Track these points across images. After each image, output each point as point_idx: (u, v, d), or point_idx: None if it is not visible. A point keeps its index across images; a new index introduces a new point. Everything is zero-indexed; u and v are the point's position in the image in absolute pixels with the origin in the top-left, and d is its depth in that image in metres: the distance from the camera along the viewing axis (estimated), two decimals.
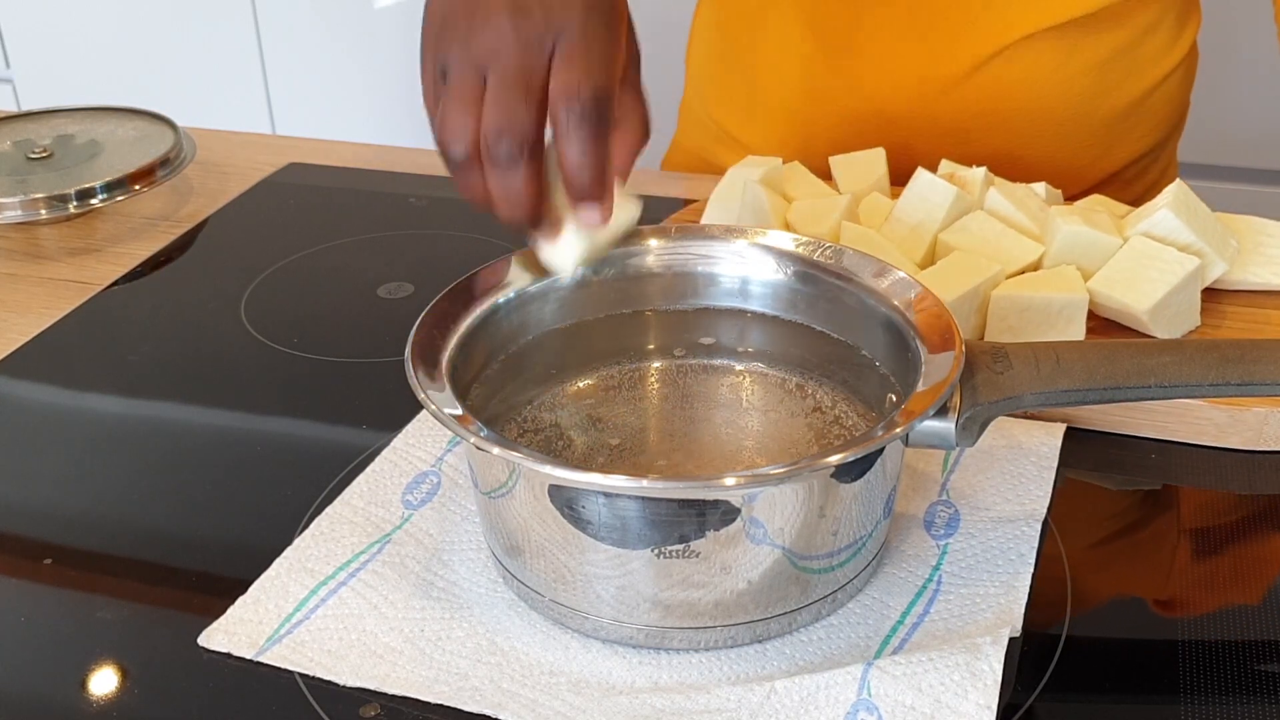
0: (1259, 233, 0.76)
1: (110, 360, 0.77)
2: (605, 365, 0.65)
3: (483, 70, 0.56)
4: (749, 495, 0.51)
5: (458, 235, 0.91)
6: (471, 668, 0.54)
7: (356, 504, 0.63)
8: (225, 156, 1.03)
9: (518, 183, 0.56)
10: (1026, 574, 0.57)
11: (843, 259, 0.63)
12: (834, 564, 0.55)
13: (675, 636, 0.54)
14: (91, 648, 0.56)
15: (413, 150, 1.03)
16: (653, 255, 0.65)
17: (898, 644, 0.54)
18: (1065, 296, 0.69)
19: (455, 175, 0.57)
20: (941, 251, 0.75)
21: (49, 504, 0.65)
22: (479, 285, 0.62)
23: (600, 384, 0.64)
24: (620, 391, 0.63)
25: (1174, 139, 1.01)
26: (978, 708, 0.50)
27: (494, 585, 0.58)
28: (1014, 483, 0.63)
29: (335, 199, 0.97)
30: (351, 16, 1.89)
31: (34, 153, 0.95)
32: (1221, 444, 0.66)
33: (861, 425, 0.60)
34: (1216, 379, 0.56)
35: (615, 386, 0.64)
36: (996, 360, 0.57)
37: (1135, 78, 0.93)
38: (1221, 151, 1.61)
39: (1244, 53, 1.49)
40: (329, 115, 1.96)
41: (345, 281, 0.85)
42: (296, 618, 0.56)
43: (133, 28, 1.98)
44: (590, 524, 0.52)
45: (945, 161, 0.82)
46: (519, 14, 0.56)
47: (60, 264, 0.88)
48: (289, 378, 0.75)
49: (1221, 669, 0.54)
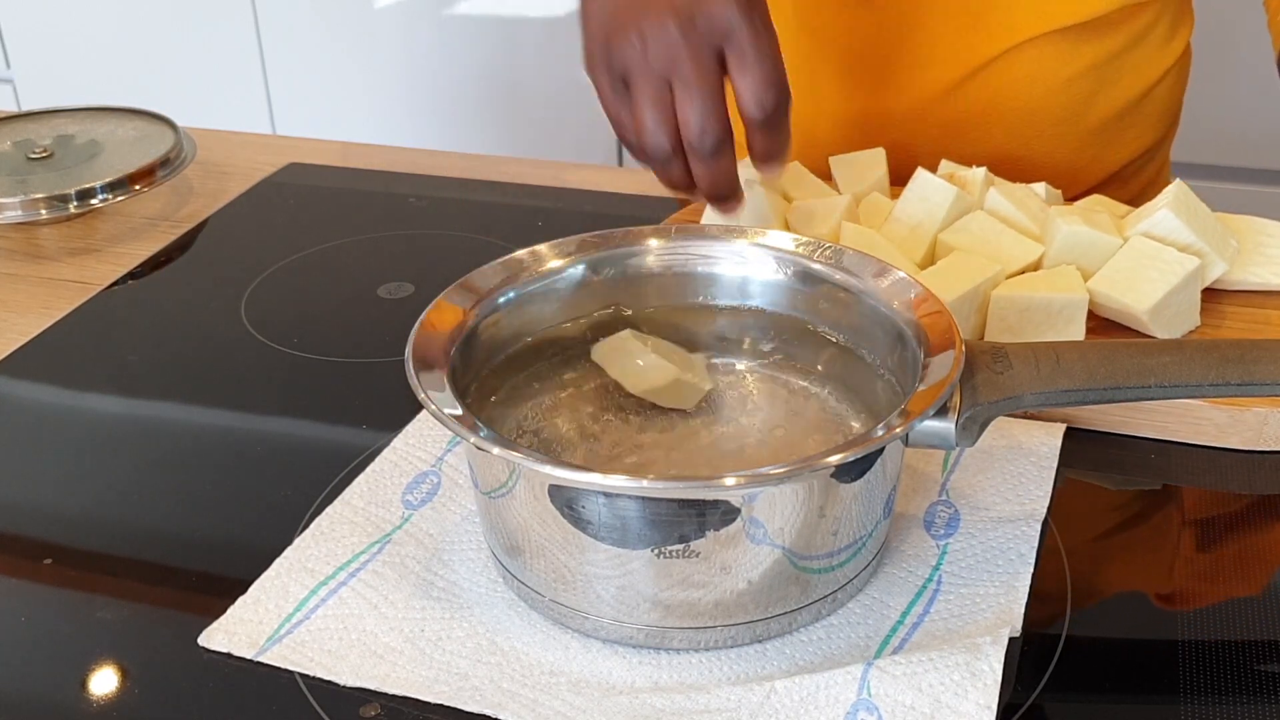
0: (1259, 233, 0.76)
1: (110, 360, 0.77)
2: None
3: (665, 77, 0.66)
4: (749, 495, 0.51)
5: (458, 235, 0.91)
6: (471, 668, 0.54)
7: (356, 504, 0.63)
8: (225, 156, 1.03)
9: (724, 168, 0.68)
10: (1026, 574, 0.57)
11: (843, 259, 0.63)
12: (834, 564, 0.55)
13: (675, 636, 0.54)
14: (91, 648, 0.56)
15: (413, 150, 1.03)
16: (653, 255, 0.65)
17: (898, 644, 0.54)
18: (1065, 296, 0.69)
19: (656, 169, 0.68)
20: (941, 251, 0.75)
21: (49, 504, 0.65)
22: (479, 285, 0.62)
23: (600, 384, 0.64)
24: (621, 391, 0.63)
25: (1169, 139, 1.01)
26: (978, 708, 0.50)
27: (494, 585, 0.58)
28: (1014, 483, 0.63)
29: (335, 199, 0.97)
30: (351, 16, 1.89)
31: (34, 153, 0.95)
32: (1221, 444, 0.66)
33: (861, 425, 0.61)
34: (1216, 379, 0.56)
35: (616, 386, 0.64)
36: (996, 360, 0.57)
37: (1132, 79, 0.93)
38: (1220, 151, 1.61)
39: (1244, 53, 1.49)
40: (329, 115, 1.96)
41: (345, 281, 0.85)
42: (296, 618, 0.56)
43: (133, 28, 1.98)
44: (590, 524, 0.52)
45: (945, 162, 0.82)
46: (685, 23, 0.65)
47: (60, 264, 0.88)
48: (289, 378, 0.75)
49: (1222, 669, 0.54)
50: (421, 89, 1.91)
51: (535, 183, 0.98)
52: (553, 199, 0.95)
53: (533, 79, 1.84)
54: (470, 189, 0.97)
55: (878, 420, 0.59)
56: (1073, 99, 0.92)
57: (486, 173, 0.99)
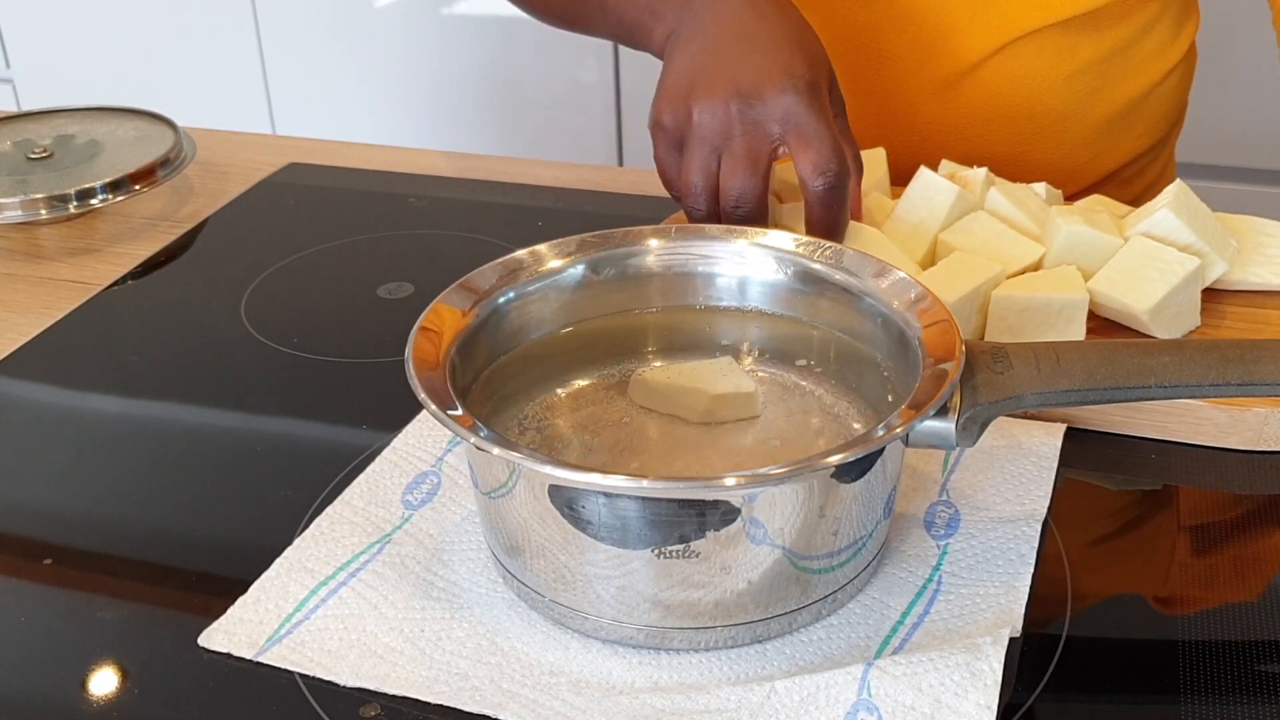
0: (1259, 233, 0.76)
1: (110, 360, 0.77)
2: (605, 365, 0.65)
3: (717, 149, 0.72)
4: (749, 495, 0.51)
5: (458, 235, 0.91)
6: (471, 668, 0.54)
7: (356, 504, 0.63)
8: (225, 156, 1.03)
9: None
10: (1026, 574, 0.57)
11: (843, 259, 0.63)
12: (834, 564, 0.55)
13: (675, 637, 0.54)
14: (91, 648, 0.56)
15: (413, 150, 1.03)
16: (653, 255, 0.65)
17: (898, 644, 0.54)
18: (1065, 296, 0.69)
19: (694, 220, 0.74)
20: (942, 252, 0.75)
21: (49, 504, 0.65)
22: (479, 285, 0.62)
23: (600, 384, 0.64)
24: (620, 391, 0.63)
25: (1172, 138, 1.01)
26: (978, 708, 0.50)
27: (494, 585, 0.58)
28: (1014, 483, 0.63)
29: (335, 199, 0.97)
30: (351, 16, 1.89)
31: (34, 153, 0.95)
32: (1221, 444, 0.66)
33: (861, 425, 0.60)
34: (1216, 379, 0.56)
35: (615, 386, 0.64)
36: (996, 360, 0.57)
37: (1134, 77, 0.93)
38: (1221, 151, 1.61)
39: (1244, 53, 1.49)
40: (329, 115, 1.96)
41: (345, 281, 0.85)
42: (296, 618, 0.56)
43: (133, 28, 1.98)
44: (590, 524, 0.52)
45: (946, 161, 0.82)
46: (743, 101, 0.71)
47: (60, 264, 0.88)
48: (289, 378, 0.75)
49: (1221, 669, 0.54)
50: (421, 89, 1.91)
51: (535, 183, 0.98)
52: (553, 199, 0.95)
53: (533, 79, 1.84)
54: (470, 189, 0.97)
55: (878, 420, 0.59)
56: (1074, 96, 0.92)
57: (486, 173, 0.99)
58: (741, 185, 0.71)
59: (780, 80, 0.71)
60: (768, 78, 0.72)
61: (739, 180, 0.71)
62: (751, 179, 0.71)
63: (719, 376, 0.62)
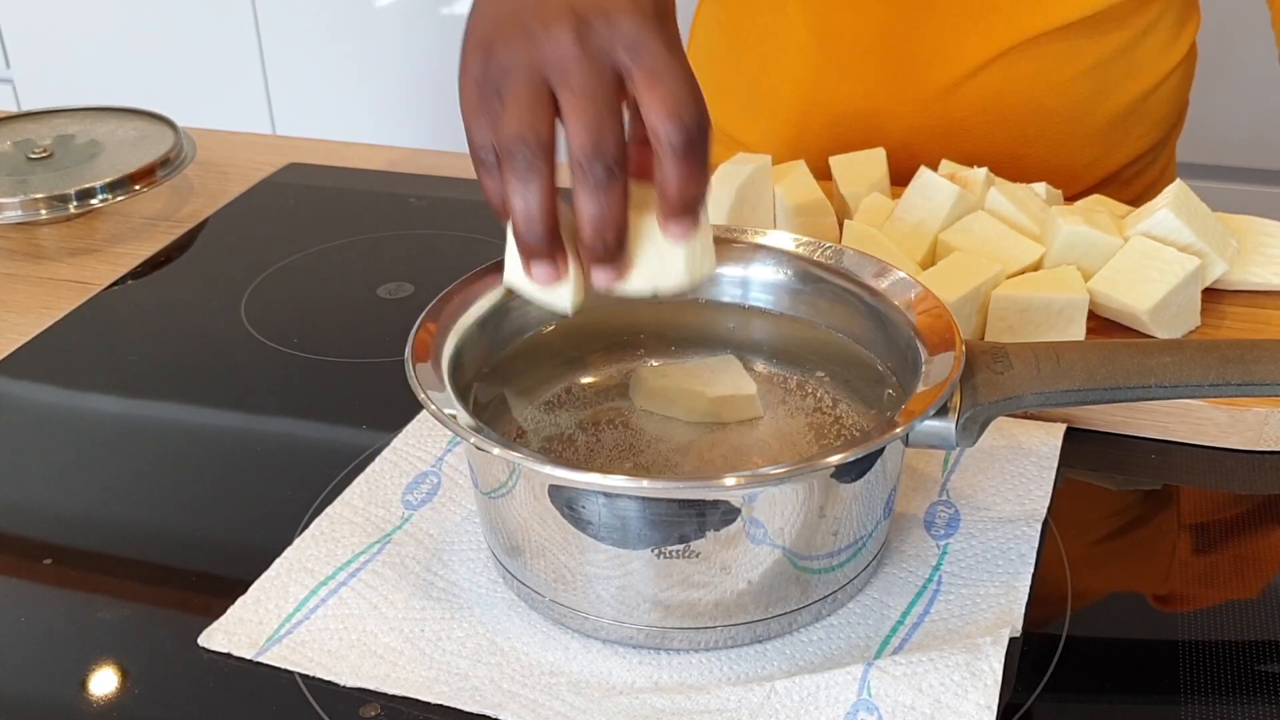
0: (1259, 233, 0.76)
1: (110, 360, 0.77)
2: (605, 364, 0.65)
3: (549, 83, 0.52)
4: (749, 495, 0.51)
5: (458, 235, 0.91)
6: (471, 668, 0.54)
7: (356, 504, 0.63)
8: (225, 156, 1.03)
9: (615, 203, 0.52)
10: (1026, 574, 0.57)
11: (843, 259, 0.63)
12: (834, 564, 0.55)
13: (675, 637, 0.54)
14: (91, 648, 0.56)
15: (413, 150, 1.03)
16: None
17: (898, 644, 0.54)
18: (1065, 296, 0.69)
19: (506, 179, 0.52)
20: (942, 252, 0.75)
21: (49, 504, 0.65)
22: (479, 285, 0.62)
23: (600, 383, 0.64)
24: (620, 391, 0.63)
25: (1173, 139, 1.01)
26: (978, 708, 0.50)
27: (494, 585, 0.58)
28: (1014, 483, 0.63)
29: (335, 199, 0.97)
30: (351, 16, 1.89)
31: (34, 153, 0.95)
32: (1221, 444, 0.66)
33: (862, 425, 0.60)
34: (1216, 379, 0.56)
35: (615, 386, 0.64)
36: (996, 360, 0.57)
37: (1135, 78, 0.93)
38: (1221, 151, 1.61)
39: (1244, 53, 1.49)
40: (329, 115, 1.96)
41: (345, 281, 0.85)
42: (296, 618, 0.56)
43: (133, 28, 1.98)
44: (590, 524, 0.52)
45: (946, 162, 0.82)
46: (581, 28, 0.52)
47: (60, 264, 0.88)
48: (289, 378, 0.75)
49: (1221, 669, 0.54)
50: (421, 89, 1.91)
51: None
52: None
53: None
54: (470, 189, 0.97)
55: (878, 420, 0.59)
56: (1075, 99, 0.92)
57: None
58: (596, 127, 0.51)
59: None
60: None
61: (590, 120, 0.51)
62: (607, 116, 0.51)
63: (720, 377, 0.62)
